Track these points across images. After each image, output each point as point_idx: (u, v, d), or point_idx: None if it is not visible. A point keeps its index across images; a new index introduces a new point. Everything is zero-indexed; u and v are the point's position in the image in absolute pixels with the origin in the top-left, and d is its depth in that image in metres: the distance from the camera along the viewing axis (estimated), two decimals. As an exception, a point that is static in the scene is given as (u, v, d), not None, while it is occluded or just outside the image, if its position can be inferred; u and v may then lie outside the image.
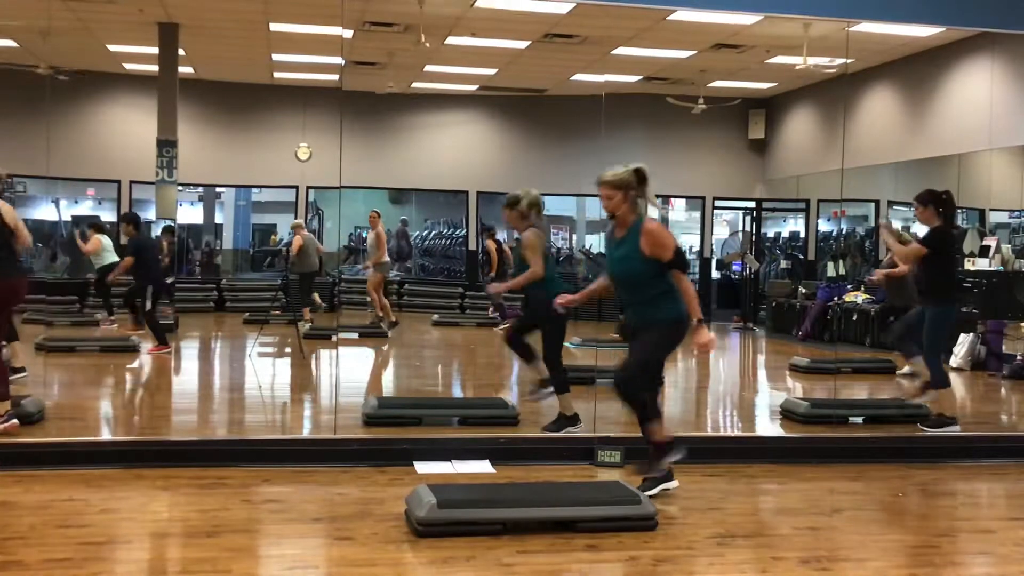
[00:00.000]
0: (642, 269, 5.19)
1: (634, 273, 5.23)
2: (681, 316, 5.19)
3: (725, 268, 18.95)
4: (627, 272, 5.27)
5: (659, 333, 5.23)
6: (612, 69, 14.98)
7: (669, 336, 5.25)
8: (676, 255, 5.21)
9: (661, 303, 5.19)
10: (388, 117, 17.77)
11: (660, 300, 5.19)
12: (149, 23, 13.18)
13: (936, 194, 7.24)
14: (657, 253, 5.14)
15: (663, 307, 5.19)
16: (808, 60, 12.44)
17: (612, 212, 5.31)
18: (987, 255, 12.51)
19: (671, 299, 5.19)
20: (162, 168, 13.75)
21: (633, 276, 5.24)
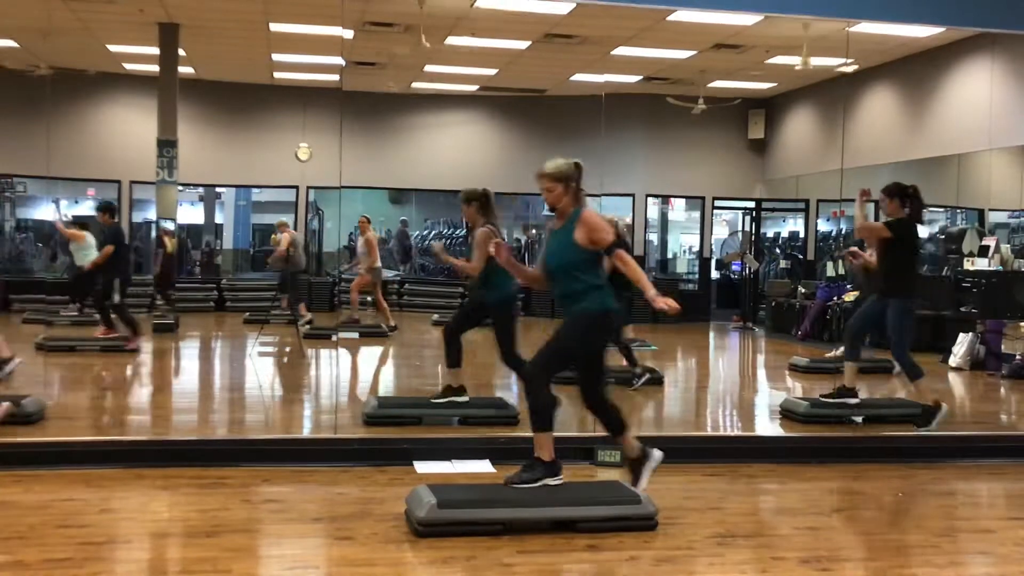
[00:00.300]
0: (573, 259, 4.97)
1: (565, 262, 5.00)
2: (606, 310, 5.00)
3: (725, 268, 18.95)
4: (559, 261, 5.04)
5: (578, 323, 4.99)
6: (612, 69, 14.98)
7: (588, 327, 5.00)
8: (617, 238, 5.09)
9: (588, 297, 4.98)
10: (388, 117, 17.77)
11: (588, 294, 4.98)
12: (149, 23, 13.18)
13: (903, 187, 7.27)
14: (595, 239, 4.95)
15: (588, 299, 4.97)
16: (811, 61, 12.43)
17: (553, 205, 5.10)
18: (986, 255, 12.51)
19: (600, 293, 4.99)
20: (162, 168, 13.75)
21: (564, 265, 5.01)
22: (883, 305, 7.26)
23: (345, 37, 12.91)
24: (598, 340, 5.10)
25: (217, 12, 12.71)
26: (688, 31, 12.70)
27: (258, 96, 17.55)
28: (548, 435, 4.94)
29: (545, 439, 4.94)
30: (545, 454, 4.95)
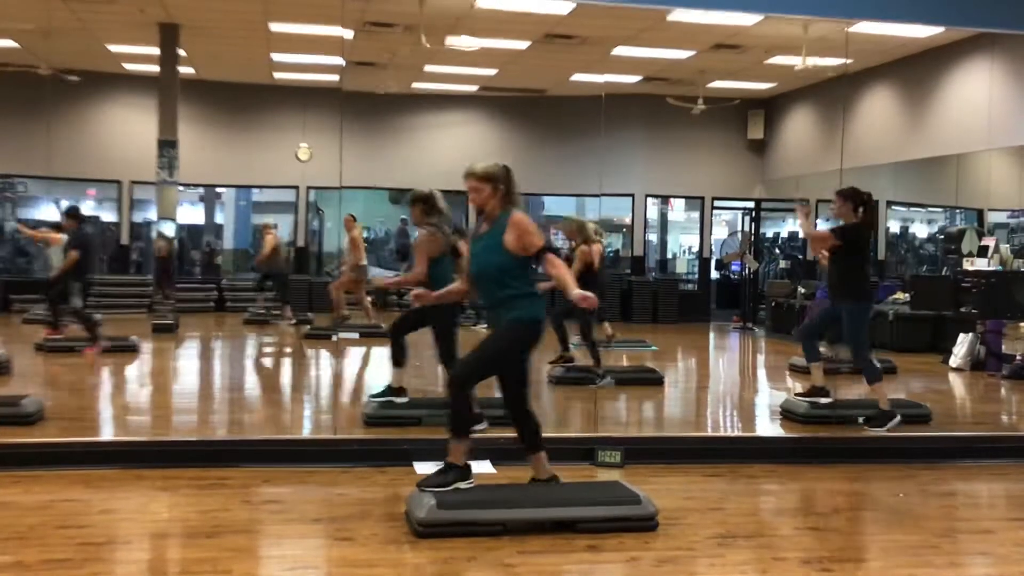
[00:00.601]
0: (501, 263, 4.84)
1: (492, 266, 4.87)
2: (535, 319, 4.90)
3: (724, 268, 18.94)
4: (485, 266, 4.91)
5: (508, 332, 4.90)
6: (612, 69, 14.98)
7: (516, 336, 4.89)
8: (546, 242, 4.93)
9: (516, 304, 4.87)
10: (388, 117, 17.77)
11: (518, 302, 4.87)
12: (149, 23, 13.18)
13: (858, 192, 7.30)
14: (524, 242, 4.80)
15: (517, 308, 4.86)
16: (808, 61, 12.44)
17: (480, 206, 4.97)
18: (986, 255, 12.50)
19: (528, 301, 4.89)
20: (163, 168, 13.75)
21: (491, 270, 4.88)
22: (837, 309, 7.29)
23: (345, 37, 12.91)
24: (526, 350, 4.97)
25: (217, 12, 12.70)
26: (688, 31, 12.70)
27: (258, 96, 17.55)
28: (463, 441, 4.89)
29: (458, 444, 4.89)
30: (458, 459, 4.89)
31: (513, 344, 4.92)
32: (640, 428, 7.92)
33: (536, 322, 4.91)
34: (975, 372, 10.88)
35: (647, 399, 8.88)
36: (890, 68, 14.55)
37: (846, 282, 7.20)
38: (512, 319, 4.88)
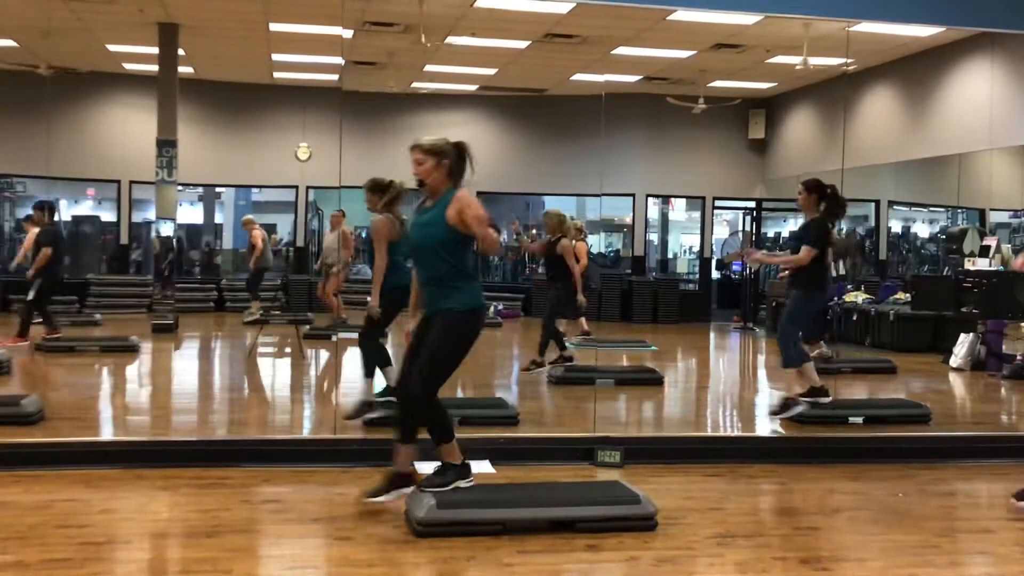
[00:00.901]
0: (443, 238, 4.72)
1: (433, 241, 4.76)
2: (473, 307, 4.80)
3: (725, 268, 18.94)
4: (426, 240, 4.80)
5: (448, 329, 4.77)
6: (612, 69, 14.98)
7: (458, 329, 4.78)
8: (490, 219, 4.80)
9: (456, 288, 4.76)
10: (388, 117, 17.76)
11: (456, 283, 4.77)
12: (149, 23, 13.17)
13: (821, 184, 7.41)
14: (466, 218, 4.67)
15: (457, 294, 4.75)
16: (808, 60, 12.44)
17: (422, 179, 4.84)
18: (987, 255, 12.50)
19: (468, 286, 4.79)
20: (162, 168, 13.75)
21: (432, 244, 4.76)
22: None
23: (345, 37, 12.91)
24: (471, 339, 4.84)
25: (217, 12, 12.70)
26: (688, 31, 12.69)
27: (258, 96, 17.54)
28: (452, 443, 4.83)
29: (450, 447, 4.84)
30: (454, 458, 4.84)
31: (459, 339, 4.80)
32: (640, 428, 7.92)
33: (473, 310, 4.81)
34: (975, 372, 10.88)
35: (647, 399, 8.88)
36: (891, 68, 14.54)
37: (805, 270, 7.28)
38: (448, 309, 4.76)
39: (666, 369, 10.59)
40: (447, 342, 4.77)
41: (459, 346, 4.81)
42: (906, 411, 7.70)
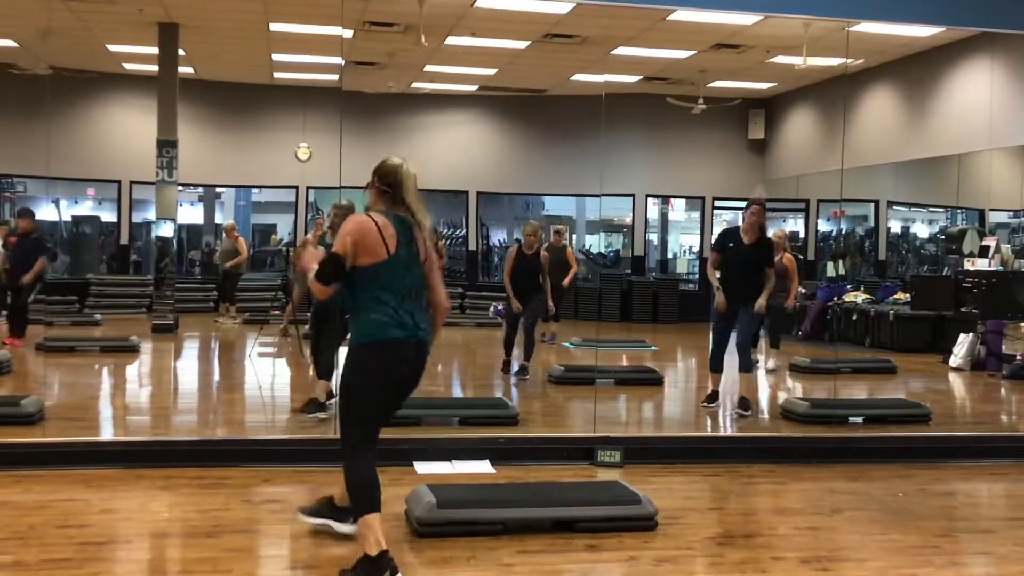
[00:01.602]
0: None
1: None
2: (371, 339, 4.00)
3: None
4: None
5: (349, 366, 4.08)
6: (612, 69, 14.98)
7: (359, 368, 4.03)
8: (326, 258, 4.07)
9: (355, 323, 4.11)
10: (388, 117, 17.76)
11: (356, 315, 4.10)
12: (149, 23, 13.17)
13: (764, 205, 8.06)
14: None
15: (355, 329, 4.11)
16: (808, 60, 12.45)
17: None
18: (987, 255, 12.51)
19: (366, 316, 4.03)
20: (162, 168, 13.75)
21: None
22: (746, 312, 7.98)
23: (345, 37, 12.91)
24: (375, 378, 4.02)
25: (217, 12, 12.70)
26: (688, 31, 12.69)
27: (258, 96, 17.54)
28: (371, 521, 3.97)
29: (366, 524, 3.97)
30: (368, 545, 3.93)
31: (357, 379, 4.03)
32: (640, 428, 7.92)
33: (370, 344, 4.02)
34: (975, 372, 10.89)
35: (647, 399, 8.88)
36: (890, 68, 14.55)
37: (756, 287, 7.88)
38: (352, 345, 4.12)
39: (666, 369, 10.59)
40: (349, 390, 4.08)
41: (355, 387, 4.05)
42: (906, 411, 7.71)
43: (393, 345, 4.02)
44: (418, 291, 4.15)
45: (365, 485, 4.05)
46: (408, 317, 4.05)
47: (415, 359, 4.08)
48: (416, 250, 4.13)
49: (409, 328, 4.04)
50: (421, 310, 4.15)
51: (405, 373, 4.08)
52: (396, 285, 4.05)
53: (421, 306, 4.16)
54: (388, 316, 4.01)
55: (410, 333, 4.04)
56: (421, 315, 4.13)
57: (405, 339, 4.03)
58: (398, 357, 4.03)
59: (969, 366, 11.02)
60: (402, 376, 4.08)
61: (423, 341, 4.11)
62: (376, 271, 4.02)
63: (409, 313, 4.06)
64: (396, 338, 4.01)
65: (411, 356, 4.06)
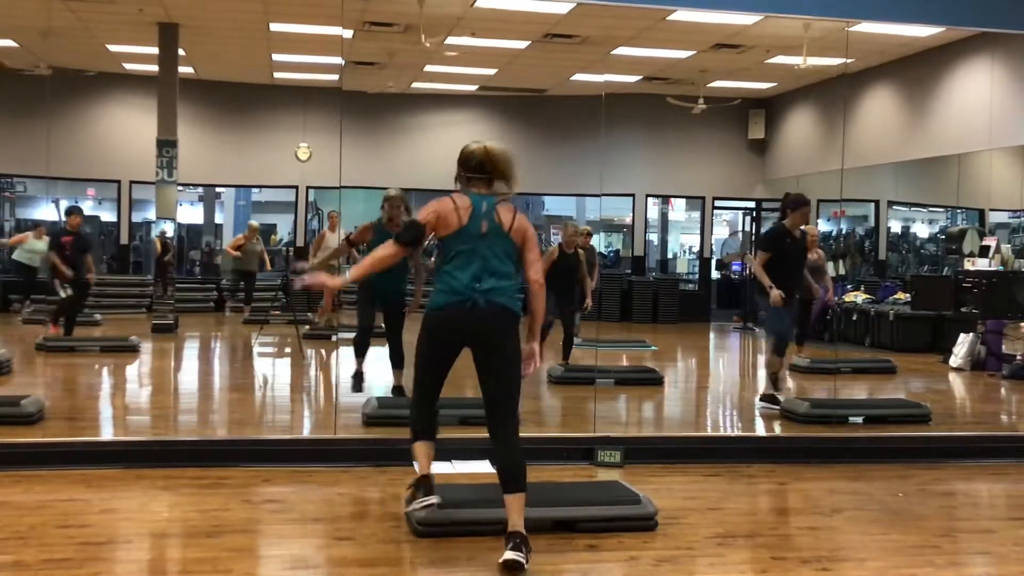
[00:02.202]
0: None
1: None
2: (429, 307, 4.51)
3: (725, 268, 18.95)
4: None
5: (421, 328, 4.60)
6: (612, 69, 14.98)
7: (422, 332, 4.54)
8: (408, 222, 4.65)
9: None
10: (388, 117, 17.76)
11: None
12: (149, 23, 13.18)
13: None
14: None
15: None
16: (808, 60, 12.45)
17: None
18: (987, 255, 12.51)
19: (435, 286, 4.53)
20: (162, 168, 13.75)
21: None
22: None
23: (345, 37, 12.91)
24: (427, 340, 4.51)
25: (217, 12, 12.71)
26: (688, 31, 12.70)
27: (258, 96, 17.55)
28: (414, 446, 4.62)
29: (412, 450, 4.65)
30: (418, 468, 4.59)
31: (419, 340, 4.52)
32: (640, 428, 7.92)
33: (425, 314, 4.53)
34: (975, 372, 10.89)
35: (647, 399, 8.89)
36: (890, 68, 14.55)
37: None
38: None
39: (666, 369, 10.59)
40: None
41: (420, 350, 4.50)
42: (906, 411, 7.71)
43: (439, 312, 4.40)
44: (495, 258, 4.39)
45: (412, 421, 4.61)
46: (468, 282, 4.34)
47: (467, 319, 4.33)
48: (497, 224, 4.40)
49: (464, 292, 4.33)
50: (493, 275, 4.37)
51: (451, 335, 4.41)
52: (466, 251, 4.37)
53: (496, 272, 4.38)
54: (445, 285, 4.38)
55: (464, 297, 4.33)
56: (488, 279, 4.36)
57: (455, 303, 4.34)
58: (444, 322, 4.39)
59: (969, 366, 11.02)
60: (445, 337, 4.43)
61: (478, 303, 4.31)
62: (450, 240, 4.40)
63: (473, 278, 4.34)
64: (442, 305, 4.38)
65: (461, 318, 4.33)
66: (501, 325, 4.35)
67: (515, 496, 4.24)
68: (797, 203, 7.86)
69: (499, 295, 4.34)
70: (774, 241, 7.95)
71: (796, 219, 7.85)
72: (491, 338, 4.35)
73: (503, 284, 4.37)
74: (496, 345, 4.35)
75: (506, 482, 4.27)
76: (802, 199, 7.94)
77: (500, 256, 4.40)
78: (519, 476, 4.27)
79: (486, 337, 4.35)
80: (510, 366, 4.36)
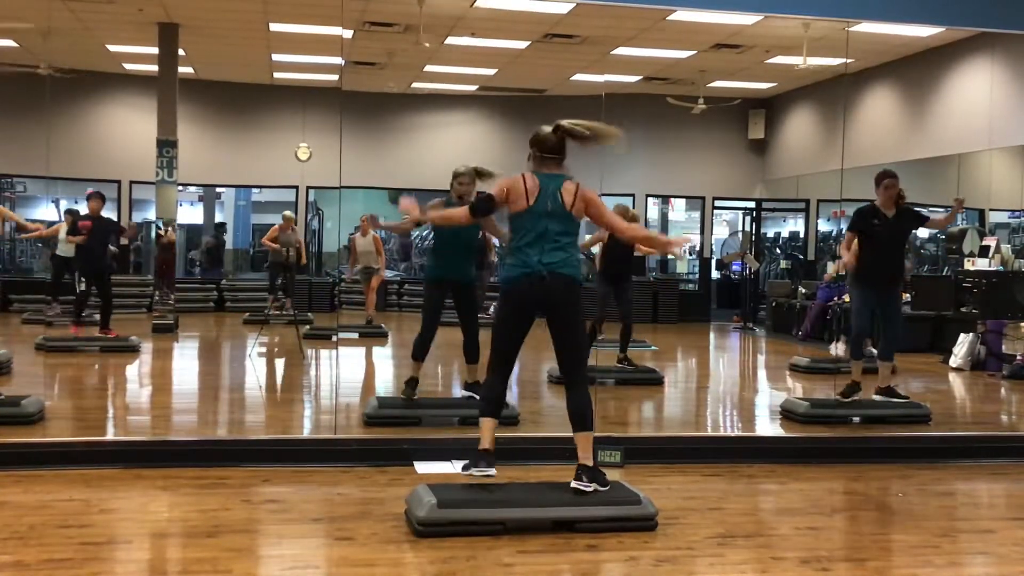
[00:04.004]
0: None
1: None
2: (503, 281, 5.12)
3: (725, 268, 18.94)
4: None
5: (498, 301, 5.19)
6: (612, 69, 14.98)
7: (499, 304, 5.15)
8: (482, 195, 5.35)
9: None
10: (388, 117, 17.76)
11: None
12: (149, 23, 13.18)
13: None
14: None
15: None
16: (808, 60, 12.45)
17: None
18: (987, 255, 12.51)
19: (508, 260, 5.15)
20: (162, 168, 13.75)
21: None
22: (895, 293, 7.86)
23: (345, 37, 12.91)
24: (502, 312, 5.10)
25: (217, 12, 12.71)
26: (688, 31, 12.70)
27: (258, 96, 17.55)
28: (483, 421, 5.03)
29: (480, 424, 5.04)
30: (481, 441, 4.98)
31: (496, 312, 5.14)
32: (640, 428, 7.92)
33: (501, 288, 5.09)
34: (975, 372, 10.88)
35: (647, 399, 8.88)
36: (890, 68, 14.54)
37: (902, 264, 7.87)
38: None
39: (666, 369, 10.59)
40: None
41: (497, 318, 5.07)
42: (906, 411, 7.70)
43: (513, 284, 4.95)
44: (559, 235, 4.91)
45: (485, 392, 5.10)
46: (535, 257, 4.89)
47: (535, 289, 4.88)
48: (560, 203, 4.92)
49: (531, 266, 4.88)
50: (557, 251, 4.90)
51: (522, 305, 4.97)
52: (533, 228, 4.90)
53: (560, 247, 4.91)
54: (517, 260, 4.94)
55: (531, 270, 4.88)
56: (552, 254, 4.89)
57: (524, 275, 4.90)
58: (512, 294, 4.97)
59: (969, 366, 11.02)
60: (518, 307, 4.98)
61: (543, 275, 4.86)
62: (519, 218, 4.94)
63: (539, 252, 4.89)
64: (517, 277, 4.92)
65: (529, 288, 4.89)
66: (565, 292, 4.92)
67: (584, 434, 4.93)
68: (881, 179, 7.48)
69: (562, 267, 4.90)
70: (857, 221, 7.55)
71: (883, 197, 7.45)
72: (557, 304, 4.92)
73: (565, 256, 4.92)
74: (562, 309, 4.94)
75: (576, 422, 4.95)
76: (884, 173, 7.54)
77: (561, 232, 4.93)
78: (587, 417, 4.96)
79: (554, 303, 4.92)
80: (575, 324, 5.03)
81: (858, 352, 7.79)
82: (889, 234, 7.48)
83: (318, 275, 17.98)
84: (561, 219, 4.93)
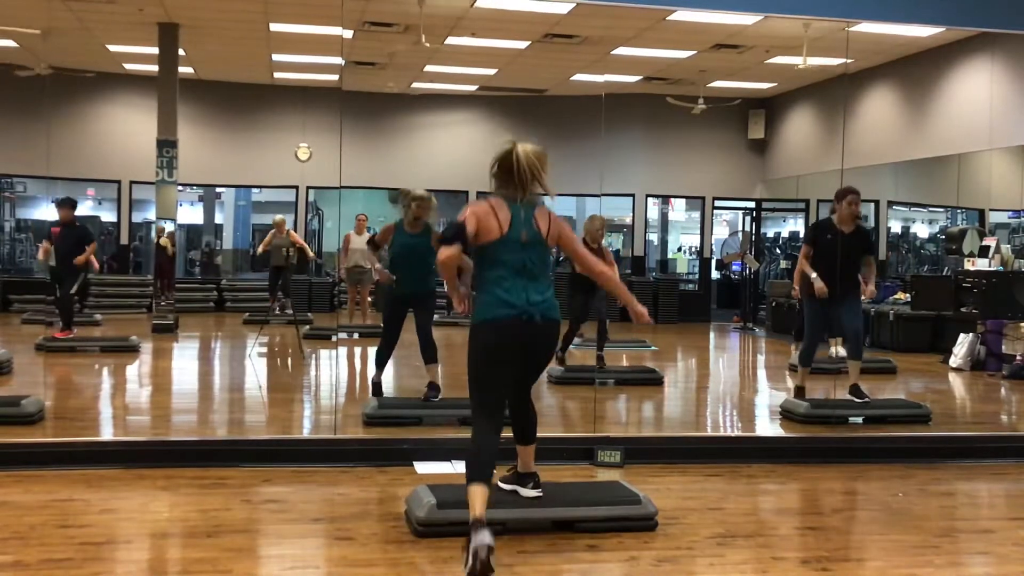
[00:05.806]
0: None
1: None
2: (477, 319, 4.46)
3: (725, 268, 18.94)
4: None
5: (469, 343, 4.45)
6: (612, 69, 14.98)
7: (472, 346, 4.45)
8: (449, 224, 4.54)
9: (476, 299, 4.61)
10: (388, 117, 17.76)
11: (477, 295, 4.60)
12: (149, 23, 13.18)
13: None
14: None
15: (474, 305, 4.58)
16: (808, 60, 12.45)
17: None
18: (987, 255, 12.51)
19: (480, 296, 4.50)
20: (162, 168, 13.75)
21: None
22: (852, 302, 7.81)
23: (345, 37, 12.91)
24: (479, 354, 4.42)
25: (217, 12, 12.71)
26: (688, 31, 12.70)
27: (258, 96, 17.55)
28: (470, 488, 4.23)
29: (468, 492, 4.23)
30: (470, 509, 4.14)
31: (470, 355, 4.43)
32: (640, 428, 7.92)
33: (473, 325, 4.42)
34: (975, 372, 10.88)
35: (647, 399, 8.89)
36: (890, 68, 14.55)
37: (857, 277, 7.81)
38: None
39: (666, 369, 10.59)
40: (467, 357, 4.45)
41: (469, 362, 4.42)
42: (906, 411, 7.71)
43: (494, 325, 4.35)
44: (537, 268, 4.43)
45: (469, 452, 4.42)
46: (520, 294, 4.36)
47: (525, 333, 4.35)
48: (536, 231, 4.44)
49: (518, 306, 4.34)
50: (539, 287, 4.43)
51: (511, 349, 4.36)
52: (511, 261, 4.37)
53: (541, 283, 4.44)
54: (495, 297, 4.36)
55: (519, 311, 4.34)
56: (537, 291, 4.40)
57: (511, 317, 4.33)
58: (500, 336, 4.35)
59: (969, 366, 11.02)
60: (507, 352, 4.37)
61: (534, 318, 4.36)
62: (492, 249, 4.37)
63: (522, 289, 4.36)
64: (498, 318, 4.34)
65: (519, 332, 4.34)
66: (552, 336, 4.53)
67: (530, 447, 4.83)
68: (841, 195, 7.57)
69: (551, 309, 4.45)
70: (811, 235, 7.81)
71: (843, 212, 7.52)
72: (540, 350, 4.51)
73: (549, 295, 4.49)
74: (545, 355, 4.57)
75: (523, 438, 4.81)
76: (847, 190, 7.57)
77: (540, 266, 4.47)
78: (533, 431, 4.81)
79: (536, 348, 4.48)
80: (545, 366, 4.69)
81: (807, 360, 7.98)
82: (844, 251, 7.56)
83: (318, 275, 17.97)
84: (538, 250, 4.45)
